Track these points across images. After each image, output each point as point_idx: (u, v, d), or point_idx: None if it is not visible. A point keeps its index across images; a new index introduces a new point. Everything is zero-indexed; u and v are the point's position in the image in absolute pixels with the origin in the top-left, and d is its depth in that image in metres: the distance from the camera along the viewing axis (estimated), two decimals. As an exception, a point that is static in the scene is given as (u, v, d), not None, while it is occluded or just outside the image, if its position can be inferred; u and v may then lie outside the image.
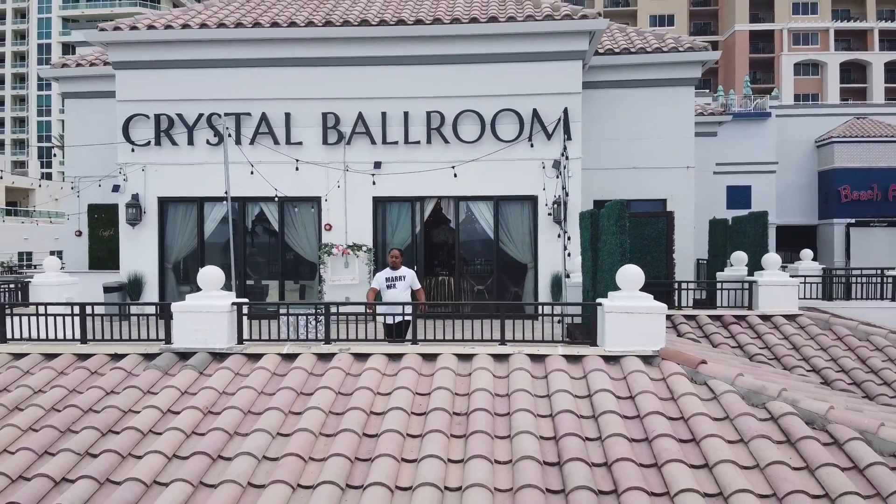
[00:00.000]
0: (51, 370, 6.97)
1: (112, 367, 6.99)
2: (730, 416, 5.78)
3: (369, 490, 4.88)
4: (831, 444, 5.43)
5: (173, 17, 14.48)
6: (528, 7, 14.02)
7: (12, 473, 5.36)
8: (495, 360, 6.94)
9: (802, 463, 5.20)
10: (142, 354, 7.20)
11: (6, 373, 6.98)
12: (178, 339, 7.24)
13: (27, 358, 7.28)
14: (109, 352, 7.26)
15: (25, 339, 7.74)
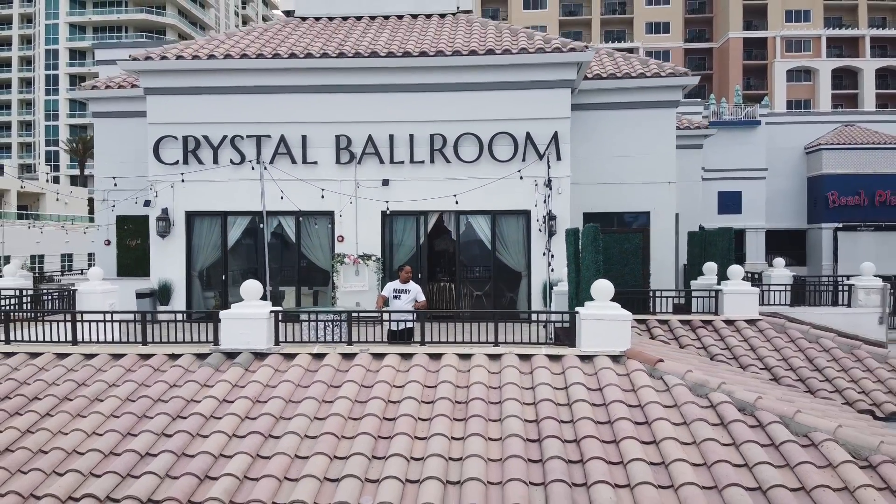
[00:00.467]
0: (120, 367, 8.38)
1: (171, 364, 8.41)
2: (677, 403, 7.20)
3: (391, 460, 6.31)
4: (756, 427, 6.85)
5: (199, 46, 15.91)
6: (523, 39, 15.43)
7: (105, 450, 6.77)
8: (490, 358, 8.36)
9: (730, 440, 6.62)
10: (195, 354, 8.62)
11: (82, 371, 8.40)
12: (225, 341, 8.66)
13: (97, 358, 8.69)
14: (167, 352, 8.69)
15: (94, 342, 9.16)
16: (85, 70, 77.64)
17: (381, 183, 15.27)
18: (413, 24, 17.13)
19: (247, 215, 15.73)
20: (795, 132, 46.52)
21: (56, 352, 8.87)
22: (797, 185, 46.85)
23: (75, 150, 67.83)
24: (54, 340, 9.29)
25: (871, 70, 65.63)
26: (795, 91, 65.99)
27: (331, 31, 16.66)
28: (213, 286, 16.10)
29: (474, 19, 17.42)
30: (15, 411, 7.55)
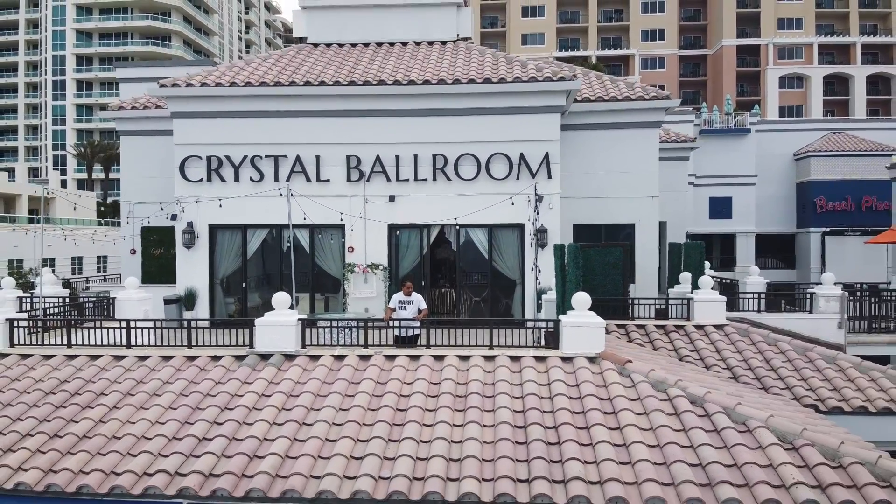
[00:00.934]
0: (170, 367, 9.86)
1: (214, 365, 9.88)
2: (640, 397, 8.68)
3: (404, 442, 7.78)
4: (703, 416, 8.32)
5: (220, 73, 17.37)
6: (517, 68, 16.91)
7: (168, 435, 8.24)
8: (485, 359, 9.84)
9: (681, 427, 8.10)
10: (234, 356, 10.10)
11: (138, 370, 9.87)
12: (259, 344, 10.14)
13: (150, 359, 10.17)
14: (210, 354, 10.16)
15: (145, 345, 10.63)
16: (92, 76, 79.20)
17: (387, 199, 16.73)
18: (417, 52, 18.60)
19: (264, 228, 17.19)
20: (785, 139, 47.97)
21: (113, 354, 10.34)
22: (786, 190, 48.27)
23: (83, 155, 69.23)
24: (110, 344, 10.75)
25: (862, 77, 67.14)
26: (788, 97, 67.52)
27: (341, 59, 18.14)
28: (234, 293, 17.57)
29: (473, 47, 18.88)
30: (87, 405, 9.02)
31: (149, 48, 77.71)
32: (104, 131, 78.19)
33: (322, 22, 19.44)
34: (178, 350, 10.36)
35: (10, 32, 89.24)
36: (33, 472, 7.64)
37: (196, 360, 10.05)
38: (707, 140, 45.45)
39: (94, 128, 79.11)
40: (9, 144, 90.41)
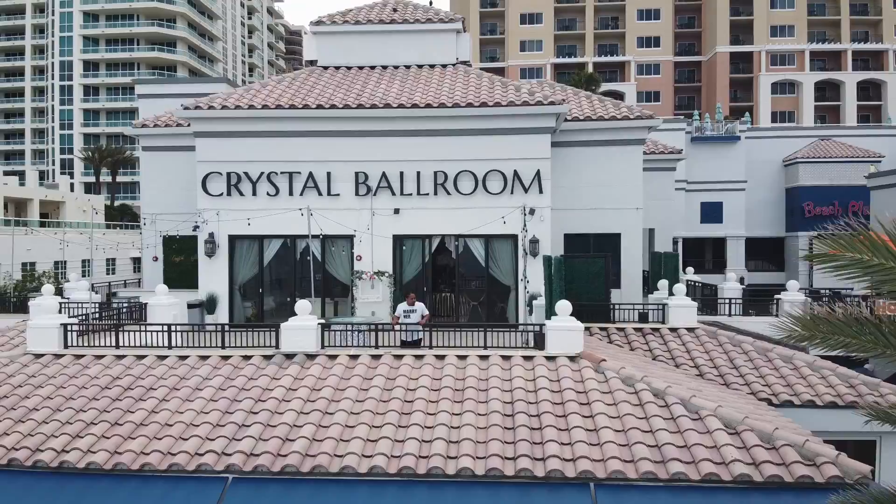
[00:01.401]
0: (208, 366, 11.40)
1: (246, 364, 11.43)
2: (611, 390, 10.22)
3: (411, 427, 9.33)
4: (663, 406, 9.86)
5: (239, 95, 18.91)
6: (511, 91, 18.45)
7: (213, 422, 9.78)
8: (480, 359, 11.38)
9: (643, 415, 9.63)
10: (262, 355, 11.64)
11: (180, 368, 11.41)
12: (285, 345, 11.69)
13: (189, 359, 11.71)
14: (241, 354, 11.71)
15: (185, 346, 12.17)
16: (99, 81, 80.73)
17: (392, 211, 18.27)
18: (419, 75, 20.15)
19: (279, 238, 18.73)
20: (774, 146, 49.56)
21: (157, 354, 11.89)
22: (776, 195, 49.84)
23: (91, 159, 70.77)
24: (150, 345, 12.29)
25: (853, 83, 68.76)
26: (780, 103, 69.10)
27: (350, 81, 19.69)
28: (251, 298, 19.11)
29: (471, 71, 20.42)
30: (139, 398, 10.56)
31: (154, 54, 79.29)
32: (111, 135, 79.79)
33: (331, 46, 20.98)
34: (214, 351, 11.91)
35: (16, 37, 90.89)
36: (101, 453, 9.17)
37: (230, 359, 11.59)
38: (698, 147, 47.11)
39: (101, 132, 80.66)
40: (16, 147, 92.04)
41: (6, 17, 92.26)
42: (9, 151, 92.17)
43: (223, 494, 8.59)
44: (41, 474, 9.11)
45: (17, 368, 11.60)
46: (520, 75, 71.58)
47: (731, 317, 17.22)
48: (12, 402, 10.59)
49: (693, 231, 46.95)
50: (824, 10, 70.33)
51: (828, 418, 12.24)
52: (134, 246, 61.00)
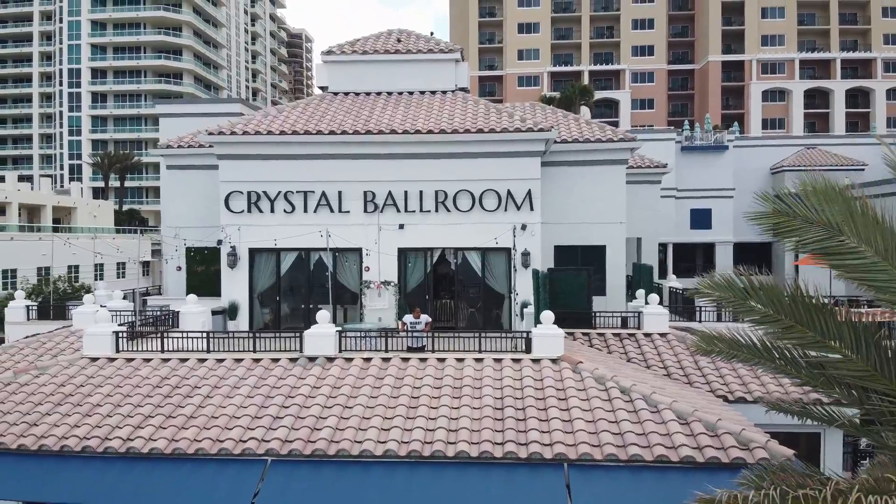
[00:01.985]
0: (242, 367, 13.32)
1: (275, 365, 13.35)
2: (585, 387, 12.15)
3: (417, 419, 11.25)
4: (628, 401, 11.78)
5: (258, 121, 20.81)
6: (505, 118, 20.36)
7: (251, 415, 11.69)
8: (475, 360, 13.30)
9: (611, 408, 11.55)
10: (289, 358, 13.56)
11: (219, 369, 13.33)
12: (308, 349, 13.61)
13: (226, 361, 13.63)
14: (270, 357, 13.62)
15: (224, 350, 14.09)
16: (106, 88, 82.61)
17: (398, 227, 20.16)
18: (421, 101, 22.07)
19: (295, 251, 20.62)
20: (762, 154, 51.42)
21: (197, 357, 13.81)
22: (764, 202, 51.56)
23: (101, 165, 72.64)
24: (193, 349, 14.21)
25: (842, 91, 70.65)
26: (770, 110, 71.03)
27: (358, 107, 21.59)
28: (269, 305, 21.01)
29: (469, 97, 22.33)
30: (186, 394, 12.47)
31: (161, 62, 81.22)
32: (118, 141, 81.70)
33: (341, 74, 22.89)
34: (246, 354, 13.83)
35: (24, 44, 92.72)
36: (161, 440, 11.09)
37: (260, 361, 13.51)
38: (688, 156, 49.01)
39: (109, 138, 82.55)
40: (24, 152, 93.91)
41: (14, 25, 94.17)
42: (17, 156, 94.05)
43: (264, 473, 10.50)
44: (111, 458, 11.02)
45: (77, 370, 13.51)
46: (517, 83, 73.55)
47: (701, 322, 19.16)
48: (77, 399, 12.50)
49: (683, 237, 48.89)
50: (814, 19, 72.27)
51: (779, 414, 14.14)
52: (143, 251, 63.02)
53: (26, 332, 19.97)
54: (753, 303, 6.71)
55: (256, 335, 14.14)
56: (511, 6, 73.93)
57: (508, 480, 10.21)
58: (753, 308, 6.73)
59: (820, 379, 6.80)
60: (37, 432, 11.40)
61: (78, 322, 18.19)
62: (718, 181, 49.12)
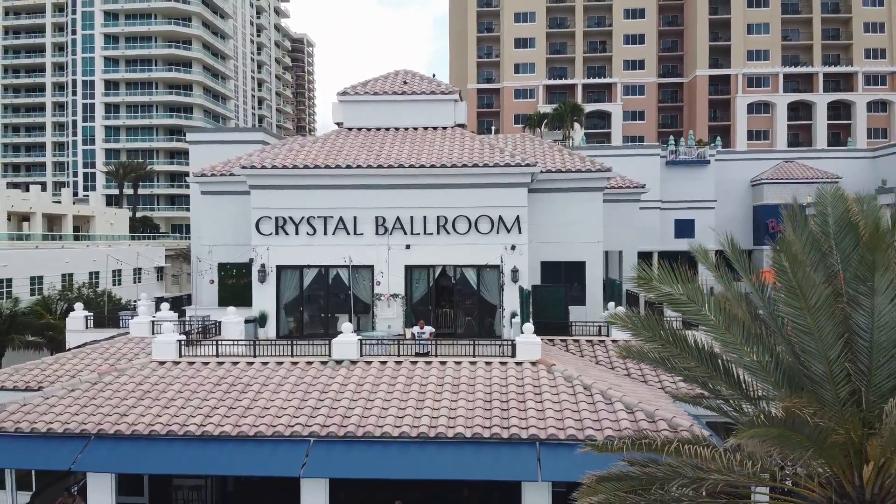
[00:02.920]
0: (284, 369, 16.62)
1: (309, 367, 16.65)
2: (556, 385, 15.45)
3: (425, 409, 14.57)
4: (588, 395, 15.09)
5: (284, 155, 24.05)
6: (497, 154, 23.63)
7: (296, 405, 14.99)
8: (470, 363, 16.61)
9: (574, 401, 14.86)
10: (320, 361, 16.86)
11: (265, 371, 16.62)
12: (335, 354, 16.91)
13: (270, 364, 16.93)
14: (305, 360, 16.92)
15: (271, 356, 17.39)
16: (119, 100, 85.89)
17: (405, 247, 23.39)
18: (424, 136, 25.34)
19: (316, 268, 23.88)
20: (743, 167, 54.84)
21: (246, 361, 17.10)
22: (745, 212, 55.08)
23: (115, 174, 75.88)
24: (240, 354, 17.49)
25: (824, 104, 74.00)
26: (755, 122, 74.37)
27: (370, 142, 24.86)
28: (293, 314, 24.26)
29: (466, 133, 25.61)
30: (241, 391, 15.75)
31: (171, 74, 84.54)
32: (130, 150, 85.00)
33: (354, 112, 26.18)
34: (285, 357, 17.12)
35: (37, 55, 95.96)
36: (228, 426, 14.38)
37: (297, 364, 16.81)
38: (672, 170, 52.42)
39: (122, 147, 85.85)
40: (37, 160, 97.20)
41: (27, 35, 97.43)
42: (31, 164, 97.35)
43: (308, 450, 13.80)
44: (189, 440, 14.32)
45: (150, 372, 16.80)
46: (514, 96, 76.84)
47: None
48: (155, 395, 15.78)
49: (668, 246, 52.15)
50: (798, 34, 75.59)
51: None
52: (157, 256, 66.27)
53: (84, 339, 23.29)
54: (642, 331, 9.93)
55: (294, 342, 17.44)
56: (508, 21, 77.28)
57: (494, 455, 13.51)
58: (642, 333, 9.96)
59: (690, 378, 10.08)
60: (128, 421, 14.69)
61: (134, 331, 21.51)
62: (701, 193, 52.49)
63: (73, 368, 19.39)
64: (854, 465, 7.94)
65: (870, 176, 54.60)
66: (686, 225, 52.90)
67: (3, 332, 41.03)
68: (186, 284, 75.70)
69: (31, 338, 42.18)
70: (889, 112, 74.24)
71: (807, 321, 8.19)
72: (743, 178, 54.76)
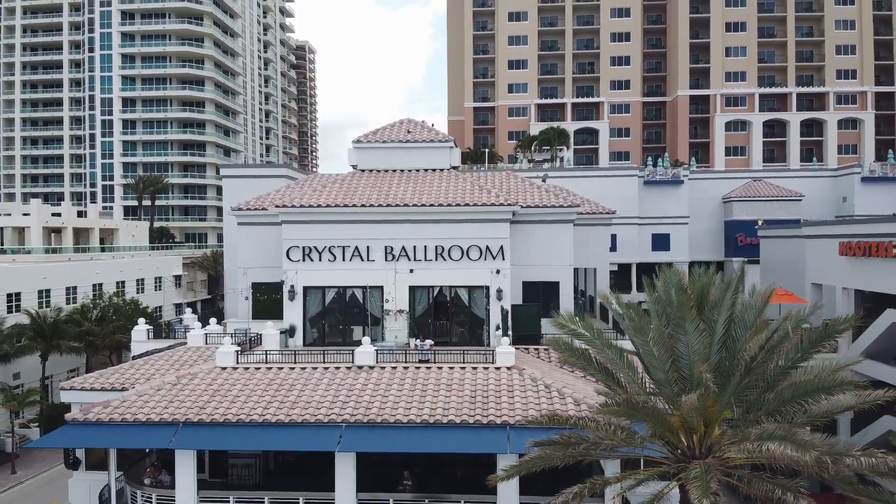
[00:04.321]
0: (319, 372, 21.77)
1: (337, 371, 21.79)
2: (524, 384, 20.60)
3: (426, 402, 19.74)
4: (548, 392, 20.24)
5: (309, 195, 29.17)
6: (485, 194, 28.74)
7: (330, 400, 20.14)
8: (461, 368, 21.77)
9: (537, 395, 20.02)
10: (345, 367, 22.00)
11: (304, 374, 21.75)
12: (357, 361, 22.06)
13: (308, 368, 22.08)
14: (334, 366, 22.06)
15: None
16: (136, 116, 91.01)
17: (409, 271, 28.52)
18: (425, 177, 30.47)
19: (336, 288, 28.99)
20: (715, 186, 59.88)
21: (288, 366, 22.22)
22: (717, 226, 60.21)
23: (135, 188, 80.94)
24: (283, 361, 22.61)
25: (797, 122, 79.16)
26: (733, 139, 79.55)
27: (380, 183, 29.97)
28: (316, 326, 29.35)
29: (460, 175, 30.75)
30: (286, 390, 20.87)
31: (186, 92, 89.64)
32: (146, 164, 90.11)
33: (366, 157, 31.32)
34: (318, 364, 22.25)
35: (54, 71, 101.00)
36: (280, 415, 19.51)
37: (328, 369, 21.94)
38: (649, 189, 57.60)
39: (138, 161, 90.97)
40: (55, 171, 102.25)
41: (43, 53, 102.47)
42: (47, 174, 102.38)
43: (341, 433, 18.94)
44: (252, 426, 19.44)
45: (216, 375, 21.91)
46: (508, 114, 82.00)
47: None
48: (223, 392, 20.89)
49: (645, 258, 57.33)
50: (773, 57, 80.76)
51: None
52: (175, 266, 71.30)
53: (146, 348, 28.41)
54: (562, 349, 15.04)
55: (325, 352, 22.55)
56: (502, 44, 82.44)
57: (476, 435, 18.65)
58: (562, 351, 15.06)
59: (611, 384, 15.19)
60: (206, 412, 19.80)
61: (191, 342, 26.64)
62: (675, 210, 57.62)
63: (146, 372, 24.48)
64: (688, 432, 13.04)
65: (831, 194, 59.78)
66: (662, 239, 58.05)
67: (49, 338, 46.06)
68: (201, 290, 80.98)
69: (71, 343, 47.21)
70: (859, 129, 79.39)
71: (648, 348, 13.29)
72: (715, 196, 59.83)
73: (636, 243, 56.21)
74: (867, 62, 78.91)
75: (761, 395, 12.84)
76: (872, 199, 57.18)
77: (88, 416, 19.68)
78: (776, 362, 12.94)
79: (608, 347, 14.37)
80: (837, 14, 79.43)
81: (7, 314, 46.90)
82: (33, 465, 41.58)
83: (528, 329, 25.34)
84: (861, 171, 57.46)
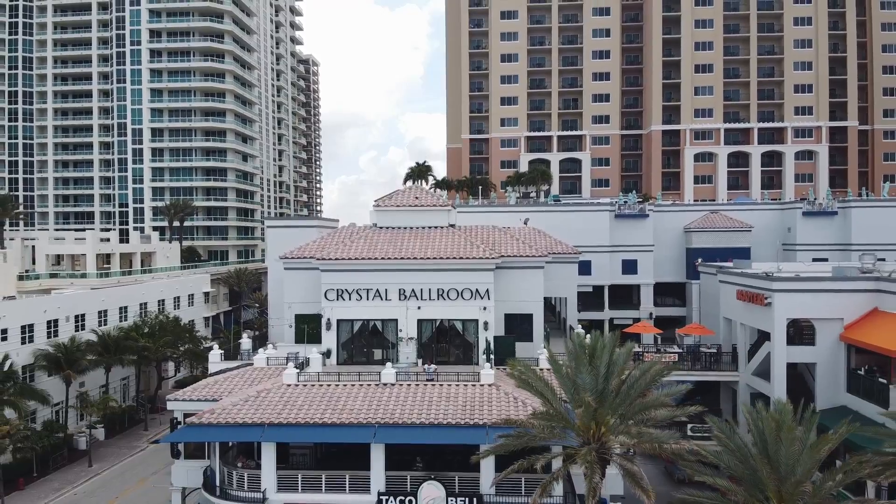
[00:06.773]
0: (352, 387, 31.04)
1: (367, 387, 31.05)
2: (501, 398, 29.86)
3: (432, 409, 29.02)
4: (518, 402, 29.50)
5: (342, 249, 38.38)
6: (476, 248, 37.93)
7: (364, 409, 29.41)
8: (456, 385, 31.02)
9: (508, 405, 29.28)
10: (374, 384, 31.25)
11: (345, 389, 31.01)
12: (383, 379, 31.33)
13: (344, 384, 31.34)
14: (366, 383, 31.31)
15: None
16: (164, 145, 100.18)
17: (417, 307, 37.72)
18: (429, 233, 39.70)
19: (361, 321, 38.16)
20: (677, 217, 69.08)
21: (326, 383, 31.49)
22: (679, 252, 69.49)
23: (167, 212, 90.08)
24: (327, 381, 31.86)
25: (759, 153, 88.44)
26: (701, 169, 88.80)
27: (394, 238, 39.18)
28: (347, 350, 38.56)
29: (456, 232, 39.98)
30: (335, 400, 30.12)
31: (209, 124, 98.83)
32: (173, 189, 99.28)
33: (383, 217, 40.58)
34: (355, 382, 31.49)
35: (84, 99, 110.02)
36: (332, 418, 28.77)
37: (362, 385, 31.18)
38: (620, 221, 66.88)
39: (166, 186, 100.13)
40: (85, 192, 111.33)
41: (73, 83, 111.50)
42: (79, 195, 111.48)
43: (375, 431, 28.22)
44: (313, 426, 28.68)
45: (284, 390, 31.10)
46: (500, 145, 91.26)
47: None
48: (291, 403, 30.08)
49: (617, 280, 66.55)
50: (738, 95, 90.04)
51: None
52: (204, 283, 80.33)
53: (219, 367, 37.61)
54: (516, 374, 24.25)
55: (360, 373, 31.76)
56: (495, 82, 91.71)
57: (466, 432, 27.88)
58: (515, 375, 24.26)
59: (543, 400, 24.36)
60: (283, 416, 28.99)
61: (257, 363, 35.89)
62: (642, 239, 66.84)
63: (227, 387, 33.65)
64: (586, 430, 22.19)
65: (778, 224, 69.00)
66: (631, 264, 67.29)
67: (114, 353, 55.16)
68: (223, 303, 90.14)
69: (131, 356, 56.26)
70: (814, 160, 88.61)
71: (564, 381, 22.44)
72: (677, 226, 68.99)
73: (608, 268, 65.38)
74: (822, 99, 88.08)
75: (628, 408, 22.01)
76: (812, 230, 66.36)
77: (202, 420, 28.90)
78: (635, 390, 22.09)
79: (538, 379, 23.58)
80: (796, 56, 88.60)
81: (75, 332, 56.00)
82: (106, 459, 50.85)
83: (506, 354, 34.64)
84: (802, 207, 66.68)
